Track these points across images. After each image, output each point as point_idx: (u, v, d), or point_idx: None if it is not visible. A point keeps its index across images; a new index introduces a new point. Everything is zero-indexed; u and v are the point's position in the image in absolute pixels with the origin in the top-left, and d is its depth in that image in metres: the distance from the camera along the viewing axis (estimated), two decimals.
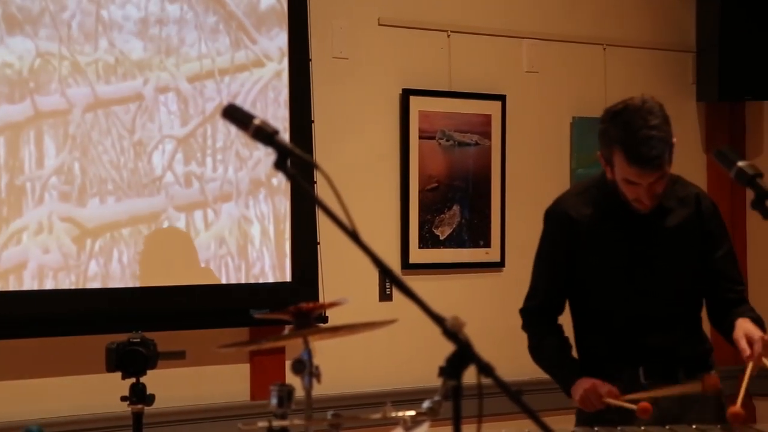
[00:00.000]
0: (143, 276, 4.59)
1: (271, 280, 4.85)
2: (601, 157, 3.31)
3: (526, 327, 3.54)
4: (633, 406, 3.16)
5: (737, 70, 5.96)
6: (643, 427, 3.07)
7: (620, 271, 3.36)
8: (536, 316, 3.50)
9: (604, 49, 5.87)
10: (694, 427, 3.10)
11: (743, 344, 3.13)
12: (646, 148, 3.16)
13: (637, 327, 3.36)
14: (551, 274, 3.47)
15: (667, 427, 3.09)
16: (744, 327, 3.19)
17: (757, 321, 3.30)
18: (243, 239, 4.80)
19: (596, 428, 3.09)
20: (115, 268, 4.53)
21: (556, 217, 3.45)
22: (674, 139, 3.27)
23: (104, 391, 4.15)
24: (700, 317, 3.49)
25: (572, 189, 3.56)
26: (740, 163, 2.60)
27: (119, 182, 4.57)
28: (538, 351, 3.48)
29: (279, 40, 4.90)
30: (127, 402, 3.54)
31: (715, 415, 3.33)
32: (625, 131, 3.18)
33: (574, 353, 3.49)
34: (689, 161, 6.16)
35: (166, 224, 4.65)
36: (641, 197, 3.25)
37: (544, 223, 3.50)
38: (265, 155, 4.79)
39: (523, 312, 3.54)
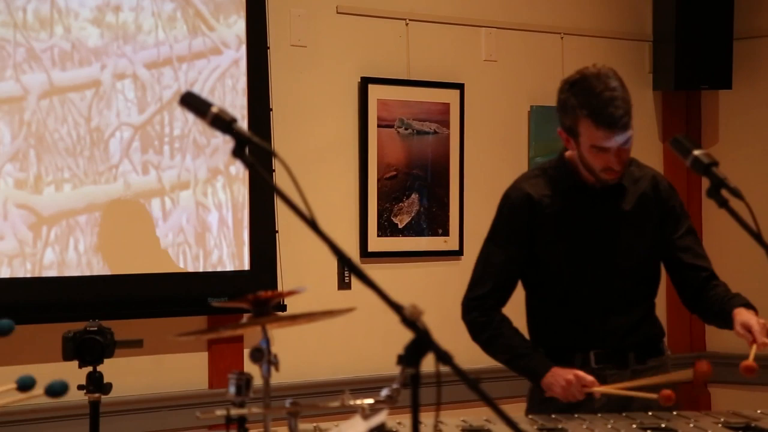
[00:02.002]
0: (99, 264, 4.56)
1: (229, 268, 4.83)
2: (563, 132, 3.30)
3: (473, 318, 3.43)
4: (629, 393, 3.18)
5: (693, 60, 6.00)
6: (600, 414, 3.09)
7: (580, 250, 3.36)
8: (485, 304, 3.42)
9: (562, 38, 5.89)
10: (650, 413, 3.12)
11: (745, 333, 3.16)
12: (612, 108, 3.19)
13: (594, 309, 3.35)
14: (507, 256, 3.41)
15: (624, 414, 3.11)
16: (740, 317, 3.20)
17: (750, 307, 3.30)
18: (201, 227, 4.79)
19: (554, 415, 3.10)
20: (72, 257, 4.51)
21: (516, 197, 3.41)
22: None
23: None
24: (654, 302, 3.50)
25: (529, 172, 3.52)
26: (696, 152, 2.62)
27: (75, 170, 4.54)
28: (494, 342, 3.39)
29: (237, 27, 4.89)
30: (84, 391, 3.52)
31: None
32: (587, 96, 3.21)
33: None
34: (646, 149, 6.20)
35: (122, 212, 4.63)
36: (611, 163, 3.25)
37: (503, 205, 3.45)
38: (223, 143, 4.78)
39: (470, 301, 3.44)
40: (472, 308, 3.45)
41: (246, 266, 4.87)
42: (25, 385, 2.44)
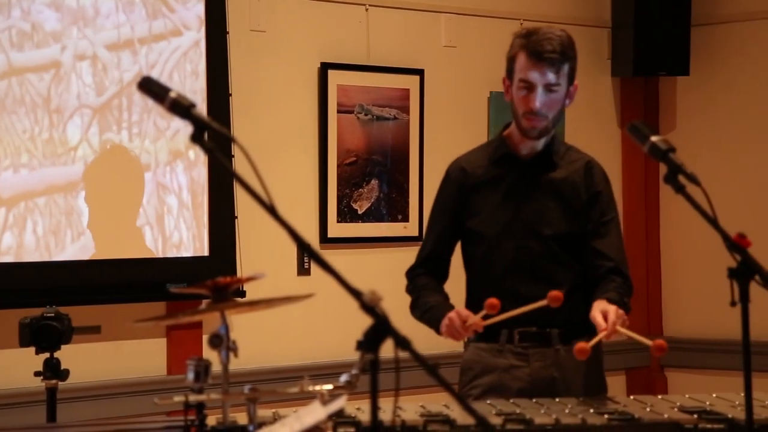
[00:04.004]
0: (58, 248, 4.53)
1: (188, 254, 4.82)
2: (505, 78, 3.43)
3: (406, 288, 3.54)
4: (511, 314, 3.21)
5: (651, 46, 6.04)
6: (558, 399, 3.11)
7: (503, 213, 3.42)
8: (421, 271, 3.52)
9: (521, 24, 5.89)
10: (607, 398, 3.14)
11: (599, 320, 3.14)
12: (546, 43, 3.33)
13: (516, 279, 3.38)
14: (440, 227, 3.54)
15: (581, 398, 3.13)
16: (599, 306, 3.18)
17: (616, 301, 3.25)
18: (160, 211, 4.76)
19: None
20: (30, 240, 4.47)
21: (451, 171, 3.55)
22: (575, 57, 3.39)
23: (17, 367, 4.10)
24: (585, 286, 3.47)
25: (473, 149, 3.63)
26: (654, 138, 2.63)
27: (34, 152, 4.50)
28: (414, 304, 3.48)
29: (196, 10, 4.86)
30: (41, 377, 3.50)
31: (593, 380, 3.37)
32: (529, 35, 3.38)
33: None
34: (604, 135, 6.24)
35: (82, 194, 4.60)
36: (532, 104, 3.31)
37: (442, 179, 3.59)
38: (183, 126, 4.75)
39: (409, 271, 3.56)
40: (409, 276, 3.57)
41: (205, 252, 4.86)
42: None
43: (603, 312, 3.14)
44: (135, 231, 4.72)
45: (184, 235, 4.82)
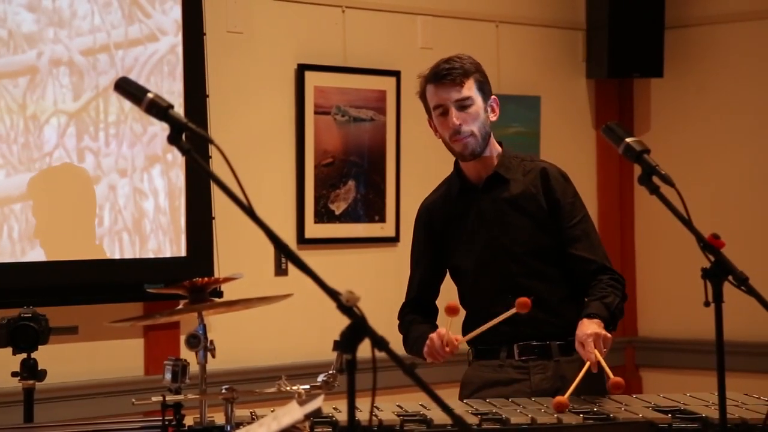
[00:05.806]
0: (35, 250, 4.53)
1: (166, 254, 4.82)
2: (429, 120, 3.47)
3: (399, 326, 3.54)
4: (486, 326, 3.23)
5: (626, 48, 6.08)
6: (534, 399, 3.13)
7: (474, 240, 3.43)
8: (408, 309, 3.54)
9: (497, 26, 5.93)
10: (582, 398, 3.16)
11: (581, 352, 3.16)
12: (443, 65, 3.39)
13: (501, 299, 3.35)
14: (419, 268, 3.56)
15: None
16: (579, 331, 3.18)
17: (600, 315, 3.23)
18: (138, 214, 4.76)
19: (488, 400, 3.13)
20: (5, 245, 4.46)
21: (418, 214, 3.58)
22: (481, 72, 3.44)
23: None
24: (576, 292, 3.46)
25: (437, 187, 3.64)
26: (628, 139, 2.65)
27: (9, 157, 4.49)
28: (405, 340, 3.47)
29: (173, 13, 4.86)
30: (18, 378, 3.50)
31: (595, 387, 3.38)
32: (430, 70, 3.43)
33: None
34: (579, 137, 6.27)
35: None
36: (451, 123, 3.34)
37: (414, 222, 3.61)
38: (160, 130, 4.75)
39: (399, 312, 3.56)
40: (398, 319, 3.56)
41: (183, 252, 4.86)
42: None
43: (580, 342, 3.14)
44: (112, 237, 4.71)
45: (161, 239, 4.81)
